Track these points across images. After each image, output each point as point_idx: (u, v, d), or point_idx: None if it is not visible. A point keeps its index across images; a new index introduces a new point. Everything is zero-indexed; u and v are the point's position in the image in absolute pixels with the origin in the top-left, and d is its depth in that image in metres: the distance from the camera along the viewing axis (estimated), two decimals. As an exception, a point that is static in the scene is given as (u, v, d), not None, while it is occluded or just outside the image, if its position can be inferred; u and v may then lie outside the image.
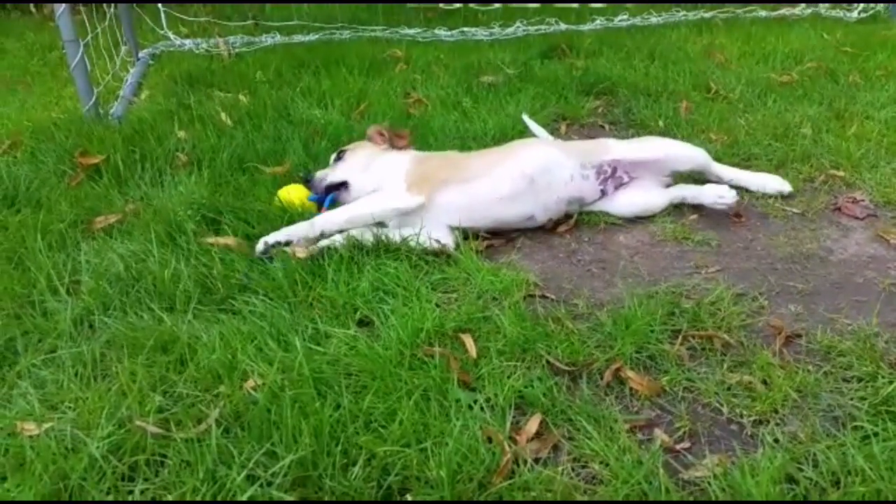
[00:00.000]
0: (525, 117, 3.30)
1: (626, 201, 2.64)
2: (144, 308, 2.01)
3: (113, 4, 4.25)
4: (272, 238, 2.28)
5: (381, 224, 2.39)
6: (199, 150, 3.01)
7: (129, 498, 1.43)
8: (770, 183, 2.78)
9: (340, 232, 2.33)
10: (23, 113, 3.64)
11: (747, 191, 2.78)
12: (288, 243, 2.27)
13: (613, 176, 2.62)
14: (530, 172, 2.46)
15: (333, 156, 2.68)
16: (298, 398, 1.62)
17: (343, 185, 2.57)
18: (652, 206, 2.65)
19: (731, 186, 2.61)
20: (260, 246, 2.27)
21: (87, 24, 3.70)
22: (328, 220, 2.35)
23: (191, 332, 1.89)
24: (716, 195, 2.58)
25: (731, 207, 2.59)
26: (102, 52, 3.87)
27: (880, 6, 5.90)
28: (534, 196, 2.48)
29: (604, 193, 2.63)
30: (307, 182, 2.60)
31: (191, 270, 2.15)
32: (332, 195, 2.54)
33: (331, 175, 2.59)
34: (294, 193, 2.58)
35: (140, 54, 4.71)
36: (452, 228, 2.42)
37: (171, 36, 4.98)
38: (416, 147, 2.77)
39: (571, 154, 2.59)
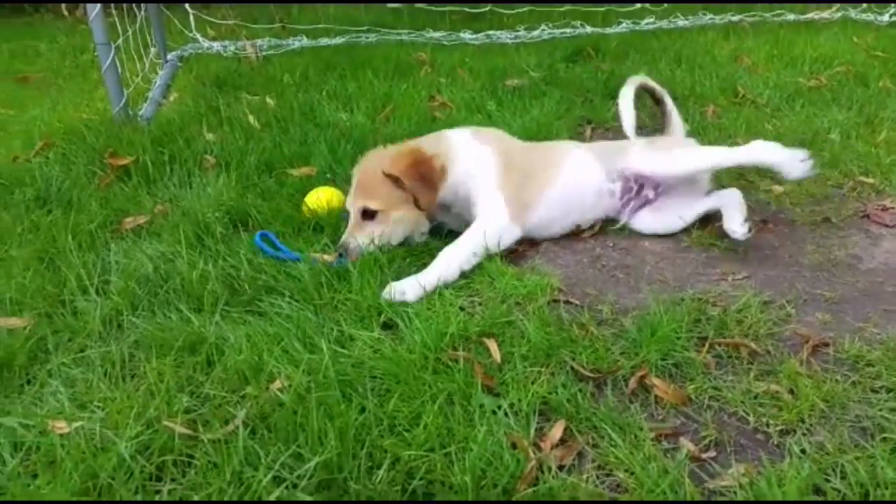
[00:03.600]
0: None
1: (649, 220, 2.58)
2: (172, 309, 2.03)
3: (143, 7, 4.30)
4: (425, 281, 2.14)
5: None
6: (226, 152, 3.05)
7: (157, 498, 1.45)
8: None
9: None
10: (54, 114, 3.70)
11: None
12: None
13: (638, 195, 2.57)
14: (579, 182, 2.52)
15: (358, 213, 2.34)
16: (324, 401, 1.63)
17: None
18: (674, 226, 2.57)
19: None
20: (404, 289, 2.11)
21: (119, 27, 3.76)
22: (459, 258, 2.23)
23: (218, 333, 1.91)
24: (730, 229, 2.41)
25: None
26: (132, 55, 3.93)
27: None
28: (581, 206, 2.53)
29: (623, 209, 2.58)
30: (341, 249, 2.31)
31: (218, 272, 2.18)
32: None
33: (363, 240, 2.31)
34: (324, 196, 2.56)
35: (169, 56, 4.77)
36: None
37: (200, 38, 5.05)
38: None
39: (602, 159, 2.57)
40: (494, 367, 1.81)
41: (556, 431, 1.60)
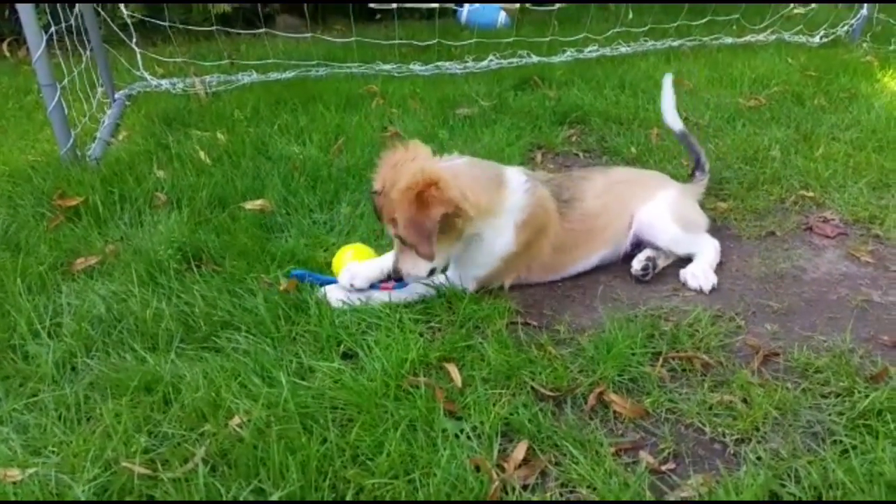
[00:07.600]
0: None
1: None
2: (127, 349, 2.00)
3: (88, 47, 4.26)
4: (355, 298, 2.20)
5: None
6: (178, 189, 3.02)
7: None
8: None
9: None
10: (-1, 157, 3.63)
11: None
12: None
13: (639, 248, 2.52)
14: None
15: (397, 240, 2.17)
16: (285, 434, 1.62)
17: None
18: None
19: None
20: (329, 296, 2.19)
21: (64, 67, 3.71)
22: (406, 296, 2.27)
23: (174, 371, 1.89)
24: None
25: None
26: (79, 94, 3.87)
27: (841, 31, 6.07)
28: None
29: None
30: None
31: (172, 309, 2.15)
32: None
33: (416, 269, 2.19)
34: (356, 257, 2.38)
35: (116, 95, 4.72)
36: None
37: (147, 76, 5.00)
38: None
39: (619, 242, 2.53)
40: (455, 391, 1.82)
41: (519, 452, 1.62)
